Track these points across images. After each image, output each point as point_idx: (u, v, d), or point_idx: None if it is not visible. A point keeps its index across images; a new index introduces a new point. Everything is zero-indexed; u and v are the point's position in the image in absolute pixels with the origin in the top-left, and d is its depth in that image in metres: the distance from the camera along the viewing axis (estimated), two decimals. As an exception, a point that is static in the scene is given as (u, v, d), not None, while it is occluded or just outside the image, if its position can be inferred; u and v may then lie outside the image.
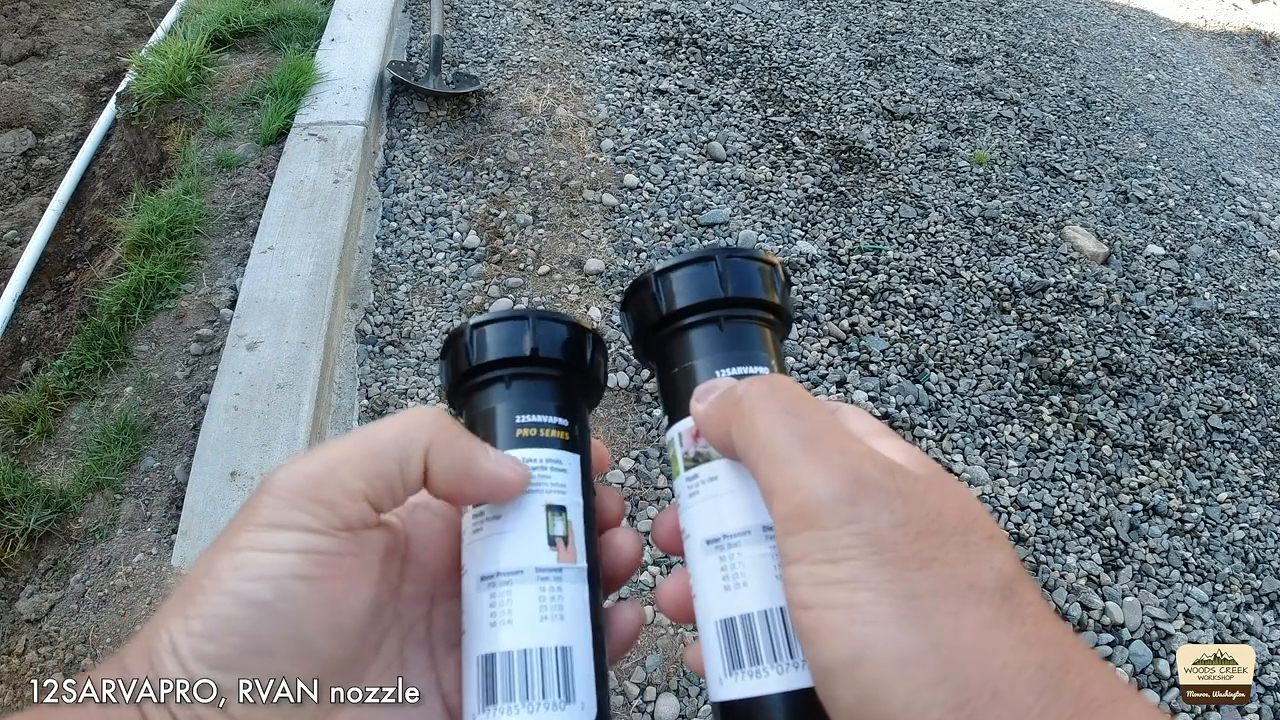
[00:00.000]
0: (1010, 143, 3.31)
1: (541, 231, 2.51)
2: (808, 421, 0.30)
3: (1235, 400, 2.51)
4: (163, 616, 0.29)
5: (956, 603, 0.26)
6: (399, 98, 2.88)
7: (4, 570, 1.66)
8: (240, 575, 0.29)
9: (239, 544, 0.30)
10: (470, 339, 0.39)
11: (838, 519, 0.27)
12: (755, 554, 0.32)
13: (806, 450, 0.29)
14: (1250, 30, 4.90)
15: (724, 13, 3.67)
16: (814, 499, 0.28)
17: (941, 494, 0.29)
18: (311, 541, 0.30)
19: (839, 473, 0.28)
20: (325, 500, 0.30)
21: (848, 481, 0.28)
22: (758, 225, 2.66)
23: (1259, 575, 2.07)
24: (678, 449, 0.36)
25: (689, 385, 0.36)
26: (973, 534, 0.28)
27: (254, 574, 0.29)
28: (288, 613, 0.29)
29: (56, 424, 1.92)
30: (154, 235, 2.20)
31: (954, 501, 0.29)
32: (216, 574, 0.29)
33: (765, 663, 0.30)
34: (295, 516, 0.30)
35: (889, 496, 0.28)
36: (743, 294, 0.37)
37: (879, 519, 0.27)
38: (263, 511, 0.30)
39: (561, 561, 0.34)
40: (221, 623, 0.28)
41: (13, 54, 3.17)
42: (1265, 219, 3.34)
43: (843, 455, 0.29)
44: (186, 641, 0.28)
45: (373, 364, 2.13)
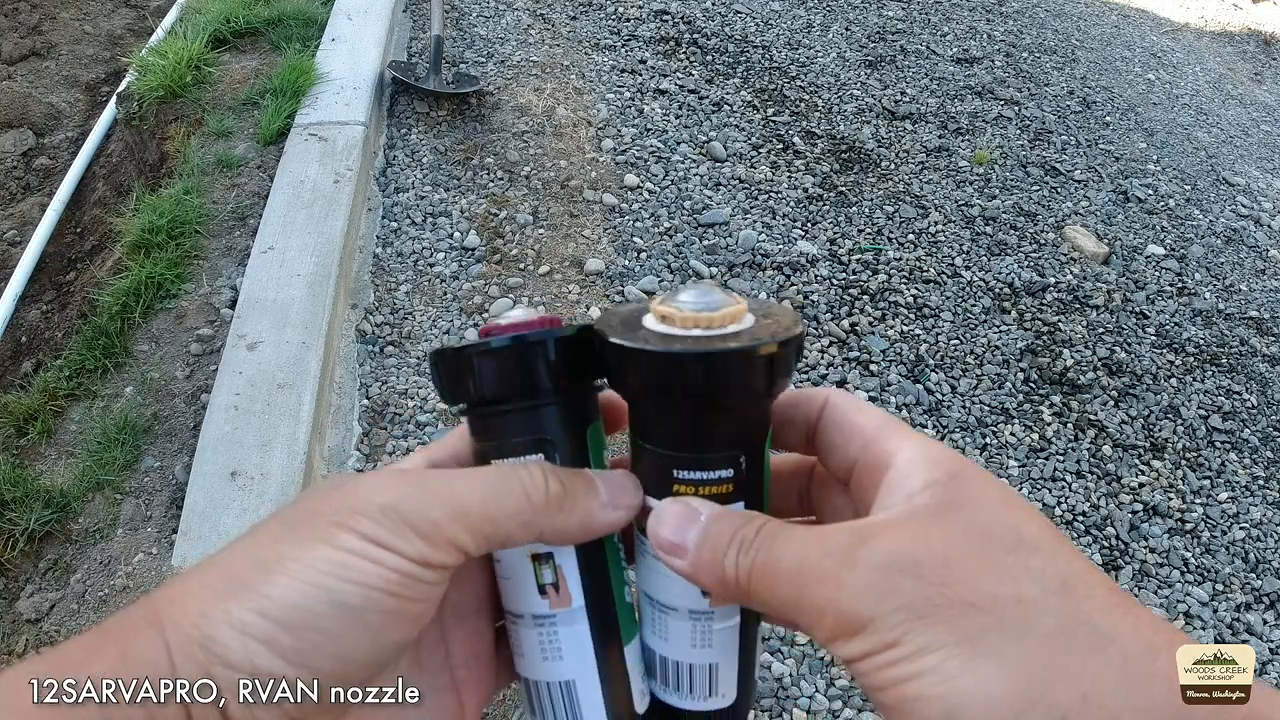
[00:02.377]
0: (1010, 143, 3.31)
1: (542, 231, 2.51)
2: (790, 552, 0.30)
3: (1235, 400, 2.51)
4: (201, 602, 0.28)
5: (1015, 626, 0.26)
6: (399, 98, 2.88)
7: (4, 570, 1.66)
8: (334, 575, 0.28)
9: (334, 543, 0.29)
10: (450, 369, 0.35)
11: (869, 610, 0.27)
12: (679, 625, 0.36)
13: (809, 581, 0.29)
14: (1250, 30, 4.90)
15: (724, 13, 3.67)
16: (843, 613, 0.28)
17: (947, 527, 0.28)
18: (414, 570, 0.30)
19: (854, 576, 0.28)
20: (440, 545, 0.30)
21: (865, 578, 0.28)
22: (758, 225, 2.66)
23: (1259, 575, 2.07)
24: None
25: (654, 468, 0.34)
26: (997, 550, 0.28)
27: (350, 577, 0.28)
28: (372, 624, 0.29)
29: (57, 424, 1.92)
30: (154, 235, 2.20)
31: (965, 527, 0.28)
32: (291, 568, 0.28)
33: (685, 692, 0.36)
34: (404, 545, 0.30)
35: (900, 565, 0.27)
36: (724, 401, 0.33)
37: (904, 589, 0.27)
38: (365, 525, 0.29)
39: (554, 608, 0.35)
40: (304, 615, 0.28)
41: (13, 54, 3.17)
42: (1265, 219, 3.34)
43: (845, 561, 0.28)
44: (260, 624, 0.27)
45: (373, 364, 2.13)
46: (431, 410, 2.04)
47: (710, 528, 0.32)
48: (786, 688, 1.66)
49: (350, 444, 1.96)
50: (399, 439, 1.98)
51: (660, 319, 0.33)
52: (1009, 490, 0.31)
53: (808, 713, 1.63)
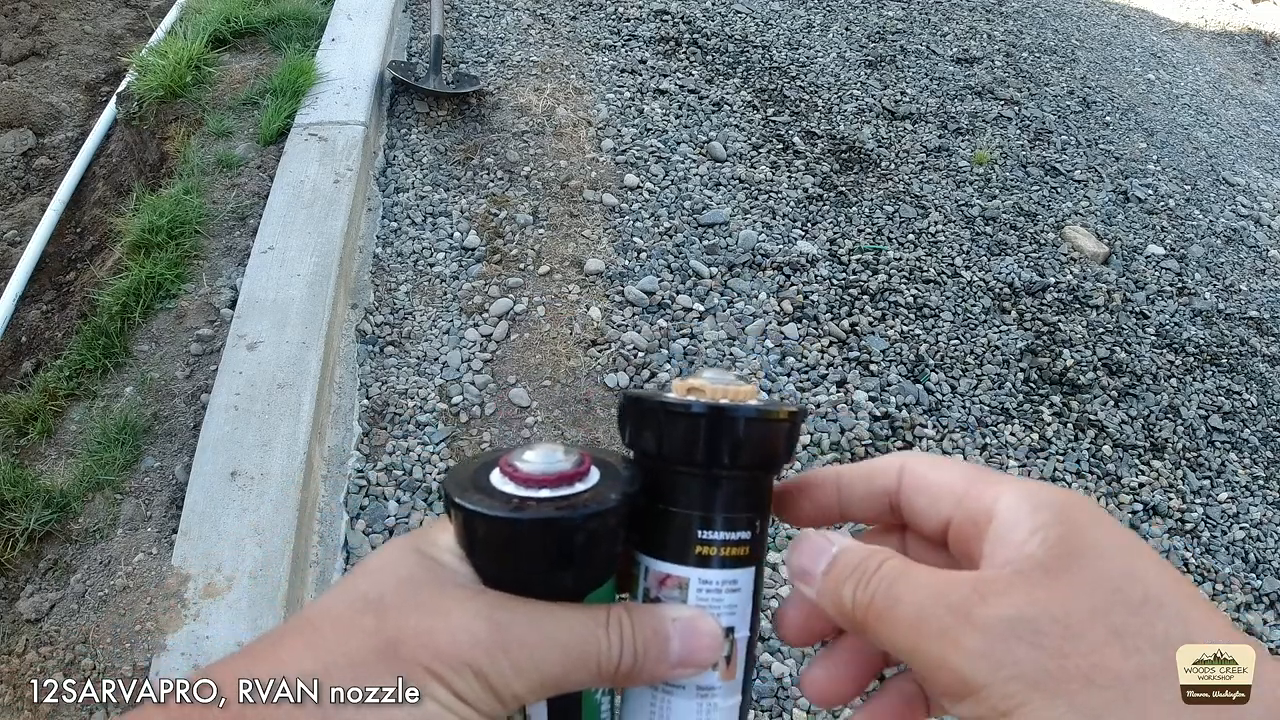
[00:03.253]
0: (1010, 143, 3.31)
1: (542, 231, 2.51)
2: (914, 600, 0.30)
3: (1235, 400, 2.51)
4: (302, 714, 0.29)
5: (1138, 704, 0.25)
6: (399, 98, 2.88)
7: (4, 570, 1.66)
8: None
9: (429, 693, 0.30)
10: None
11: (984, 677, 0.26)
12: (684, 705, 0.36)
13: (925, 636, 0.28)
14: (1250, 30, 4.90)
15: (724, 13, 3.67)
16: (958, 675, 0.27)
17: (1065, 585, 0.27)
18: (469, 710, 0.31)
19: (970, 639, 0.27)
20: (510, 706, 0.31)
21: (981, 642, 0.27)
22: (758, 225, 2.66)
23: (1259, 575, 2.07)
24: (640, 583, 0.36)
25: (674, 530, 0.35)
26: (1120, 610, 0.26)
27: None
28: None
29: (56, 424, 1.92)
30: (154, 235, 2.20)
31: (1085, 583, 0.27)
32: (390, 715, 0.29)
33: None
34: (486, 706, 0.30)
35: (1018, 630, 0.26)
36: (751, 460, 0.35)
37: (1020, 658, 0.26)
38: (458, 683, 0.30)
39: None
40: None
41: (13, 54, 3.17)
42: (1265, 219, 3.34)
43: (962, 619, 0.28)
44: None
45: (373, 364, 2.13)
46: (431, 410, 2.04)
47: (839, 558, 0.33)
48: (786, 688, 1.66)
49: (350, 444, 1.96)
50: (399, 439, 1.98)
51: (687, 391, 0.35)
52: (1113, 522, 0.29)
53: (808, 713, 1.63)
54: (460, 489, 0.33)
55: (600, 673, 0.32)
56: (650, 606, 0.35)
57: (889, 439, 2.14)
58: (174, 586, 1.60)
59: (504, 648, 0.30)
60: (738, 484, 0.35)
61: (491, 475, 0.34)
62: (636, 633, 0.33)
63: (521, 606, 0.32)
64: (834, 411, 2.18)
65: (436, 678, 0.30)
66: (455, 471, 0.35)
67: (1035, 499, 0.30)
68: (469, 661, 0.30)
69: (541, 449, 0.34)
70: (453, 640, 0.30)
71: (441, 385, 2.09)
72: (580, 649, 0.32)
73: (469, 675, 0.30)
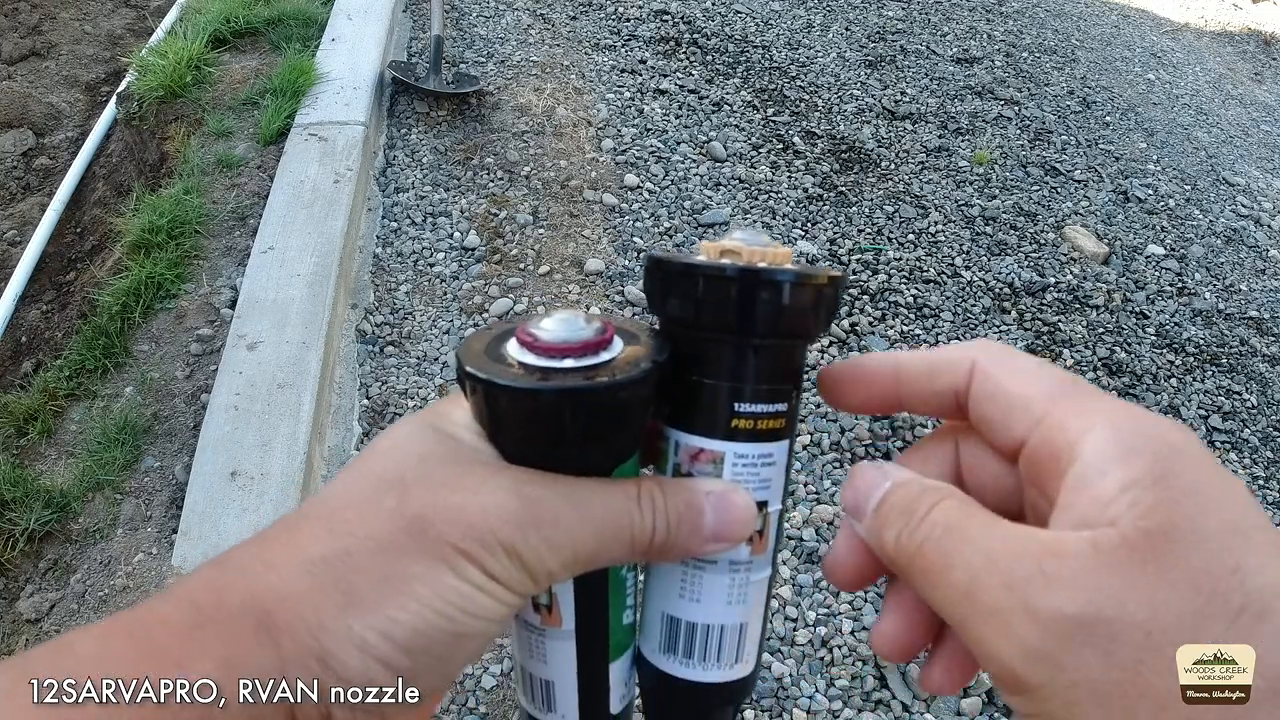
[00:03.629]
0: (1010, 143, 3.31)
1: (542, 231, 2.51)
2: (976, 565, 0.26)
3: (1235, 400, 2.51)
4: (320, 613, 0.27)
5: None
6: (399, 98, 2.88)
7: (4, 570, 1.66)
8: (459, 607, 0.28)
9: (460, 573, 0.28)
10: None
11: (1041, 678, 0.23)
12: (715, 580, 0.35)
13: (979, 613, 0.25)
14: (1250, 30, 4.90)
15: (724, 13, 3.67)
16: (1012, 668, 0.24)
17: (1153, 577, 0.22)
18: (518, 603, 0.30)
19: (1031, 631, 0.23)
20: (543, 584, 0.30)
21: (1042, 639, 0.23)
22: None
23: (1259, 575, 2.07)
24: (670, 458, 0.35)
25: (707, 402, 0.34)
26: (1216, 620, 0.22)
27: (473, 611, 0.29)
28: (475, 650, 0.30)
29: (57, 424, 1.92)
30: (154, 235, 2.20)
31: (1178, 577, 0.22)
32: (418, 592, 0.28)
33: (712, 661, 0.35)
34: (520, 585, 0.29)
35: (1089, 629, 0.22)
36: (790, 329, 0.33)
37: (1087, 663, 0.22)
38: (489, 561, 0.29)
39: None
40: (425, 641, 0.28)
41: (13, 54, 3.17)
42: (1265, 219, 3.34)
43: (1024, 602, 0.24)
44: (381, 645, 0.27)
45: (373, 364, 2.13)
46: (431, 410, 2.04)
47: (890, 494, 0.29)
48: (786, 688, 1.66)
49: (350, 444, 1.96)
50: (399, 439, 1.97)
51: (720, 254, 0.33)
52: (1223, 485, 0.24)
53: (808, 713, 1.63)
54: (476, 361, 0.31)
55: (634, 548, 0.31)
56: (683, 480, 0.33)
57: (889, 439, 2.14)
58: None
59: (536, 523, 0.29)
60: (775, 353, 0.33)
61: (507, 346, 0.32)
62: (670, 506, 0.32)
63: (551, 481, 0.30)
64: (834, 411, 2.18)
65: (468, 556, 0.28)
66: (468, 344, 0.33)
67: (1131, 439, 0.25)
68: (502, 539, 0.28)
69: (561, 316, 0.32)
70: (484, 517, 0.28)
71: (442, 385, 2.09)
72: (614, 523, 0.31)
73: (501, 553, 0.28)
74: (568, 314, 0.32)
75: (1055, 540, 0.24)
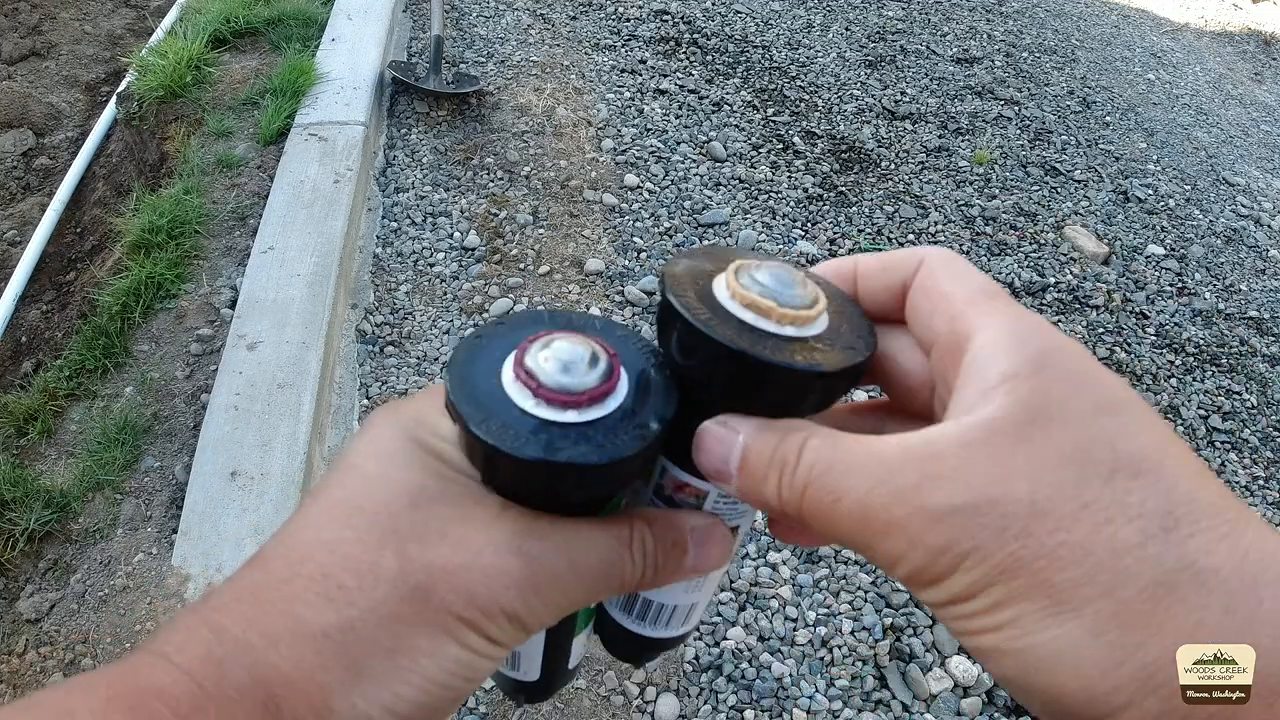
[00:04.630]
0: (1010, 143, 3.31)
1: (542, 231, 2.51)
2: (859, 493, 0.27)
3: (1235, 400, 2.51)
4: (325, 691, 0.27)
5: (1107, 579, 0.23)
6: (399, 98, 2.88)
7: (4, 570, 1.66)
8: (461, 676, 0.28)
9: (463, 641, 0.28)
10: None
11: (944, 567, 0.25)
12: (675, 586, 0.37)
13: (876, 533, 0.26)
14: (1250, 30, 4.90)
15: (724, 13, 3.67)
16: (917, 566, 0.25)
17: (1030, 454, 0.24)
18: (501, 650, 0.30)
19: (926, 530, 0.25)
20: (531, 632, 0.30)
21: (938, 533, 0.25)
22: (758, 225, 2.66)
23: (1259, 575, 2.07)
24: (655, 477, 0.35)
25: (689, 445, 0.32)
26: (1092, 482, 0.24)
27: (472, 676, 0.29)
28: (462, 701, 0.30)
29: (56, 424, 1.92)
30: (154, 235, 2.20)
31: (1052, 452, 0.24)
32: (421, 665, 0.28)
33: (661, 625, 0.39)
34: (513, 640, 0.30)
35: (979, 512, 0.24)
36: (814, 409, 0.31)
37: (983, 541, 0.24)
38: (491, 629, 0.28)
39: None
40: (426, 712, 0.28)
41: (13, 54, 3.17)
42: (1265, 219, 3.34)
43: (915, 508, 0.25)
44: (386, 719, 0.27)
45: (373, 364, 2.13)
46: (431, 410, 2.04)
47: (749, 449, 0.29)
48: (786, 688, 1.66)
49: (350, 444, 1.96)
50: (399, 439, 1.97)
51: (745, 302, 0.30)
52: (1098, 376, 0.26)
53: (808, 713, 1.63)
54: (472, 404, 0.29)
55: (621, 589, 0.32)
56: (668, 516, 0.33)
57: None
58: (174, 586, 1.60)
59: (536, 587, 0.29)
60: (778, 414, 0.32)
61: (504, 377, 0.30)
62: (658, 548, 0.32)
63: (548, 532, 0.29)
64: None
65: (470, 625, 0.28)
66: (459, 366, 0.30)
67: (1016, 338, 0.27)
68: (504, 606, 0.28)
69: (564, 352, 0.29)
70: (487, 585, 0.28)
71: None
72: (606, 573, 0.31)
73: (503, 619, 0.28)
74: (572, 349, 0.30)
75: (930, 443, 0.26)
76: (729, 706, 1.62)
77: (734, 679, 1.66)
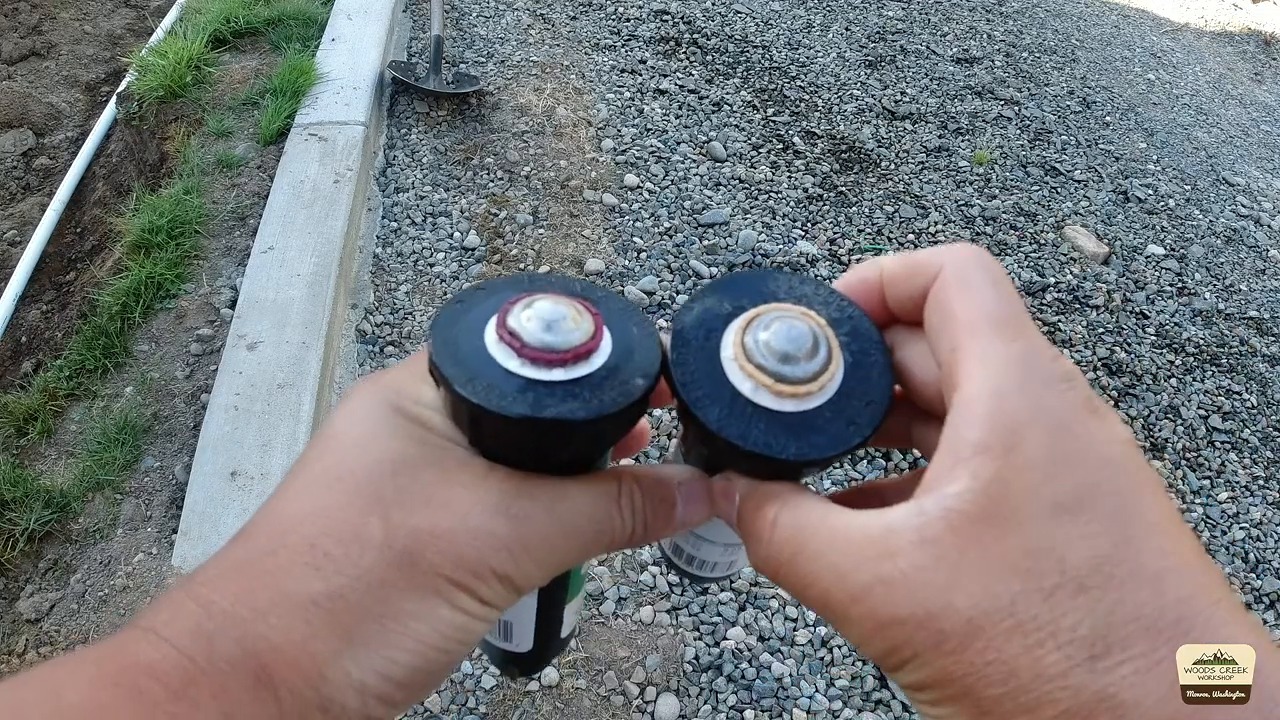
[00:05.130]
0: (1010, 143, 3.31)
1: (542, 231, 2.51)
2: None
3: (1235, 400, 2.51)
4: (317, 660, 0.26)
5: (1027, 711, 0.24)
6: (399, 98, 2.88)
7: (4, 570, 1.66)
8: (455, 639, 0.28)
9: (455, 603, 0.28)
10: None
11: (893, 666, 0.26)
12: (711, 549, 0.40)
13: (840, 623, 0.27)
14: (1250, 30, 4.90)
15: (724, 13, 3.67)
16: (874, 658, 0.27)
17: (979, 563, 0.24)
18: (498, 616, 0.30)
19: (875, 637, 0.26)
20: (523, 592, 0.30)
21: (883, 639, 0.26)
22: (758, 225, 2.66)
23: (1259, 575, 2.07)
24: None
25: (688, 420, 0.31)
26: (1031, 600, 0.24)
27: (465, 639, 0.29)
28: (456, 664, 0.30)
29: (56, 424, 1.92)
30: (154, 235, 2.20)
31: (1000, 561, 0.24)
32: (413, 629, 0.27)
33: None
34: (505, 601, 0.29)
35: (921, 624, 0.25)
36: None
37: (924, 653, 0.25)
38: (483, 590, 0.28)
39: None
40: (422, 676, 0.28)
41: (13, 54, 3.17)
42: (1265, 219, 3.34)
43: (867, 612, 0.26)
44: (380, 685, 0.27)
45: (373, 364, 2.13)
46: (431, 410, 2.04)
47: (741, 510, 0.31)
48: (786, 688, 1.66)
49: (350, 444, 1.96)
50: (399, 439, 1.97)
51: (752, 368, 0.29)
52: (1068, 460, 0.25)
53: (808, 713, 1.63)
54: (456, 365, 0.29)
55: (611, 546, 0.31)
56: (655, 472, 0.33)
57: (889, 439, 2.14)
58: (174, 586, 1.60)
59: (526, 546, 0.29)
60: None
61: (487, 339, 0.30)
62: (646, 504, 0.32)
63: (536, 491, 0.29)
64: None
65: (461, 587, 0.28)
66: (442, 329, 0.30)
67: (998, 398, 0.25)
68: (494, 567, 0.28)
69: (547, 312, 0.29)
70: (475, 547, 0.28)
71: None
72: (596, 532, 0.30)
73: (494, 580, 0.28)
74: (555, 308, 0.29)
75: (891, 532, 0.26)
76: (729, 706, 1.63)
77: (734, 679, 1.66)
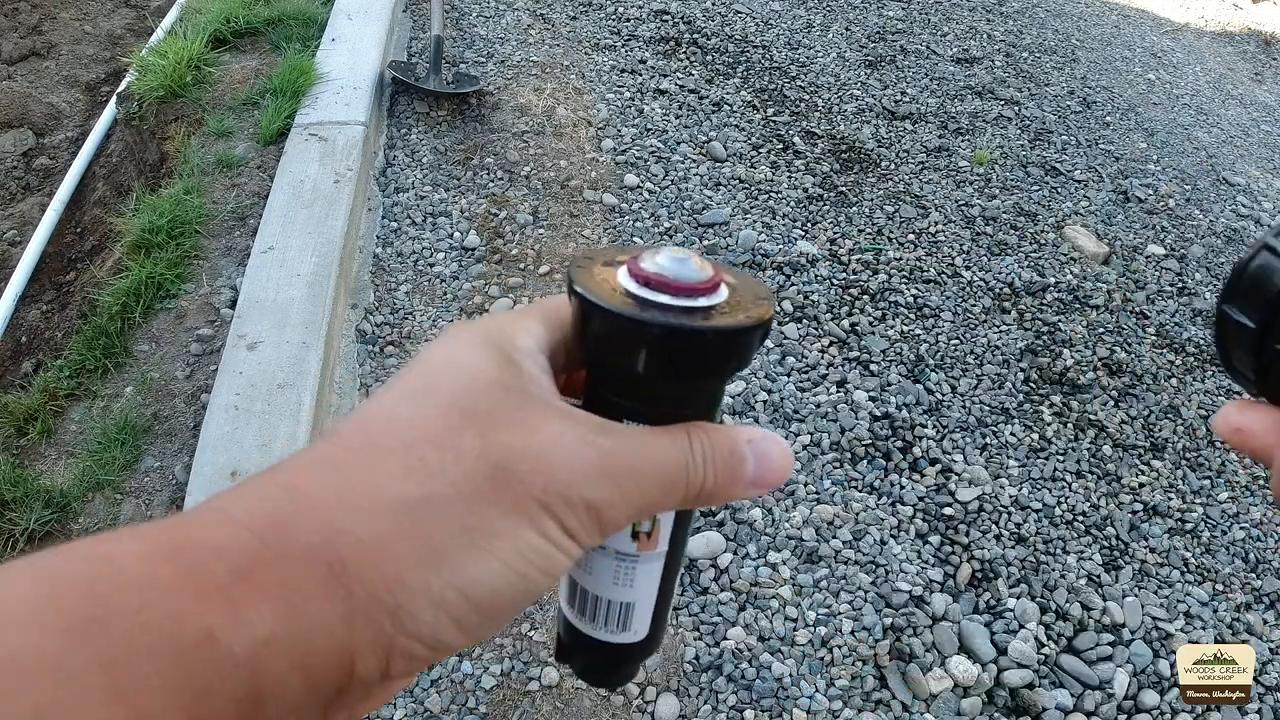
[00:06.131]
0: (1010, 143, 3.31)
1: (542, 231, 2.51)
2: None
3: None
4: (400, 565, 0.26)
5: None
6: (399, 98, 2.88)
7: (4, 570, 1.66)
8: (536, 565, 0.28)
9: (541, 528, 0.28)
10: None
11: None
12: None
13: None
14: (1250, 30, 4.90)
15: (724, 13, 3.67)
16: None
17: None
18: (577, 558, 0.30)
19: None
20: (606, 531, 0.30)
21: None
22: (758, 225, 2.66)
23: (1259, 575, 2.07)
24: None
25: None
26: None
27: (547, 568, 0.28)
28: (526, 606, 0.31)
29: (57, 424, 1.92)
30: (154, 235, 2.20)
31: None
32: (498, 548, 0.27)
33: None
34: (590, 539, 0.29)
35: None
36: None
37: None
38: (570, 519, 0.28)
39: (640, 550, 0.37)
40: (500, 600, 0.27)
41: (13, 54, 3.17)
42: (1266, 219, 3.34)
43: None
44: (458, 602, 0.26)
45: (373, 364, 2.13)
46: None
47: None
48: (786, 688, 1.66)
49: (350, 444, 1.96)
50: (399, 439, 1.97)
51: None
52: None
53: (808, 713, 1.63)
54: (592, 292, 0.31)
55: (687, 496, 0.31)
56: (724, 428, 0.33)
57: (889, 439, 2.14)
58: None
59: (614, 477, 0.29)
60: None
61: (621, 279, 0.32)
62: (717, 455, 0.32)
63: (619, 431, 0.30)
64: (834, 411, 2.18)
65: (549, 511, 0.28)
66: (581, 262, 0.34)
67: None
68: (584, 493, 0.28)
69: (673, 253, 0.33)
70: (568, 469, 0.28)
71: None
72: (674, 475, 0.31)
73: (581, 508, 0.28)
74: (680, 252, 0.33)
75: None
76: (729, 706, 1.63)
77: (734, 679, 1.66)
